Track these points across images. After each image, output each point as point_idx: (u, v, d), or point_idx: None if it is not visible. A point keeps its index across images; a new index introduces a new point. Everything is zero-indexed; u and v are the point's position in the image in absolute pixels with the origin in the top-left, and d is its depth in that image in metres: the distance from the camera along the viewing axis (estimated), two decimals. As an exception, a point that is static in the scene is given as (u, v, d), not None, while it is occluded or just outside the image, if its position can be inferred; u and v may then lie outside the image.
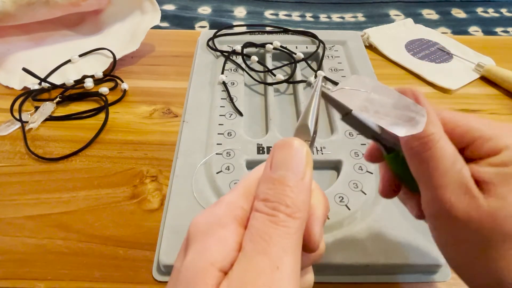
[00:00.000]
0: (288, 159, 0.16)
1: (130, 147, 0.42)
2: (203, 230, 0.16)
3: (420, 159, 0.20)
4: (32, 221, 0.35)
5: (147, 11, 0.55)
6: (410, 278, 0.31)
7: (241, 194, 0.17)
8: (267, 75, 0.51)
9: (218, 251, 0.15)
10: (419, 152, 0.20)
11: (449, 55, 0.58)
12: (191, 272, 0.14)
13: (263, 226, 0.15)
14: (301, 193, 0.16)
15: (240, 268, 0.14)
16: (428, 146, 0.20)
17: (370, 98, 0.21)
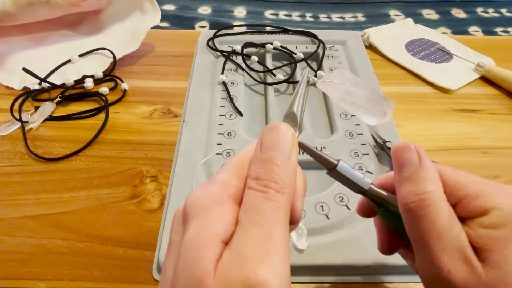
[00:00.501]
0: (276, 141, 0.18)
1: (130, 147, 0.42)
2: (203, 206, 0.17)
3: (415, 217, 0.19)
4: (32, 221, 0.35)
5: (147, 11, 0.55)
6: (410, 278, 0.31)
7: (234, 173, 0.18)
8: (267, 75, 0.51)
9: (220, 225, 0.16)
10: (414, 210, 0.19)
11: (449, 55, 0.58)
12: (196, 244, 0.16)
13: (256, 202, 0.17)
14: (288, 171, 0.18)
15: (238, 239, 0.16)
16: (425, 204, 0.19)
17: (349, 90, 0.23)
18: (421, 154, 0.21)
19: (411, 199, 0.20)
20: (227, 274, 0.15)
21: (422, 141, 0.43)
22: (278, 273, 0.15)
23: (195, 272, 0.15)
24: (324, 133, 0.43)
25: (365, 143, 0.40)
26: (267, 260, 0.15)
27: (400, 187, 0.21)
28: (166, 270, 0.17)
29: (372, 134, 0.40)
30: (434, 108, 0.48)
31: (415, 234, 0.20)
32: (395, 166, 0.21)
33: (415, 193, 0.20)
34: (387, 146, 0.38)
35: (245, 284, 0.15)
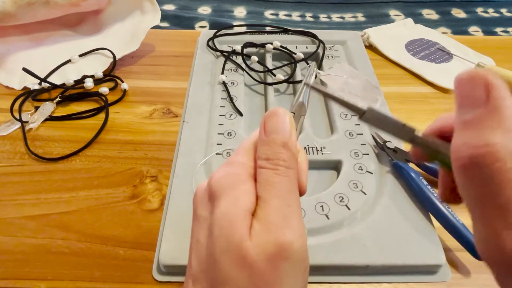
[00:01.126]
0: (277, 124, 0.21)
1: (130, 147, 0.42)
2: (229, 185, 0.19)
3: (470, 177, 0.15)
4: (32, 221, 0.35)
5: (147, 11, 0.55)
6: (410, 278, 0.31)
7: (247, 155, 0.21)
8: (267, 75, 0.51)
9: (247, 200, 0.19)
10: (467, 168, 0.15)
11: (449, 55, 0.58)
12: (229, 217, 0.18)
13: (271, 178, 0.19)
14: (291, 149, 0.20)
15: (262, 210, 0.19)
16: (489, 160, 0.14)
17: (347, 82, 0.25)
18: (493, 88, 0.15)
19: (466, 152, 0.15)
20: (260, 237, 0.18)
21: (422, 141, 0.43)
22: (298, 232, 0.18)
23: (234, 238, 0.18)
24: (324, 133, 0.43)
25: (365, 143, 0.40)
26: (289, 224, 0.18)
27: (456, 134, 0.16)
28: (199, 240, 0.20)
29: (372, 134, 0.40)
30: (434, 108, 0.48)
31: (470, 198, 0.16)
32: (456, 103, 0.17)
33: (472, 145, 0.15)
34: (387, 146, 0.38)
35: (276, 243, 0.18)
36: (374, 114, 0.20)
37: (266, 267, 0.17)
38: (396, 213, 0.33)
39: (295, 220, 0.19)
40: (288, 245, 0.18)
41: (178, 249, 0.31)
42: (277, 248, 0.18)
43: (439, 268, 0.31)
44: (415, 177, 0.35)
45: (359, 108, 0.21)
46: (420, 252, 0.31)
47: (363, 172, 0.37)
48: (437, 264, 0.31)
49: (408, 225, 0.33)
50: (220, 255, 0.18)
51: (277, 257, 0.18)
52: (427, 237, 0.32)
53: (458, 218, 0.32)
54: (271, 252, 0.17)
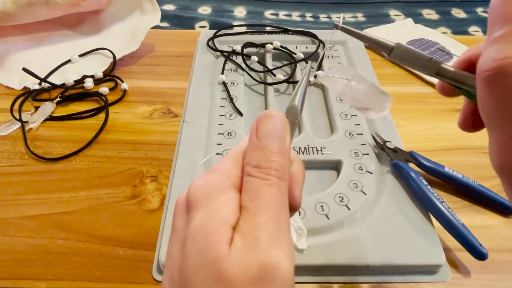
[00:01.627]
0: (271, 128, 0.19)
1: (130, 147, 0.42)
2: (207, 195, 0.18)
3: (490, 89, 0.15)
4: (32, 221, 0.35)
5: (147, 11, 0.55)
6: (410, 278, 0.31)
7: (233, 163, 0.19)
8: (267, 75, 0.51)
9: (227, 212, 0.17)
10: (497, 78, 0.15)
11: (449, 55, 0.58)
12: (206, 231, 0.16)
13: (260, 188, 0.17)
14: (284, 157, 0.18)
15: (247, 223, 0.17)
16: (506, 72, 0.15)
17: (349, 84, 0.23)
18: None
19: (490, 65, 0.15)
20: (242, 256, 0.16)
21: (422, 141, 0.43)
22: (287, 253, 0.16)
23: (209, 256, 0.16)
24: (324, 133, 0.43)
25: (365, 143, 0.40)
26: (278, 242, 0.16)
27: (484, 51, 0.16)
28: (173, 255, 0.18)
29: (372, 134, 0.40)
30: (434, 108, 0.48)
31: (487, 110, 0.16)
32: (488, 26, 0.17)
33: (495, 58, 0.15)
34: (387, 146, 0.38)
35: (260, 265, 0.15)
36: (402, 50, 0.20)
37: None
38: (396, 213, 0.33)
39: (284, 239, 0.17)
40: (274, 267, 0.15)
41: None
42: (261, 270, 0.15)
43: (439, 268, 0.31)
44: (415, 177, 0.35)
45: (388, 44, 0.21)
46: (420, 252, 0.31)
47: (363, 172, 0.37)
48: (437, 264, 0.31)
49: (408, 225, 0.33)
50: (193, 273, 0.16)
51: (259, 280, 0.15)
52: (427, 237, 0.32)
53: (458, 218, 0.32)
54: (253, 275, 0.15)
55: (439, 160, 0.38)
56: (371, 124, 0.42)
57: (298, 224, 0.31)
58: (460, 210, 0.37)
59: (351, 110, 0.44)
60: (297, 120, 0.21)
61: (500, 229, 0.35)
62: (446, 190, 0.38)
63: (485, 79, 0.16)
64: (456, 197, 0.38)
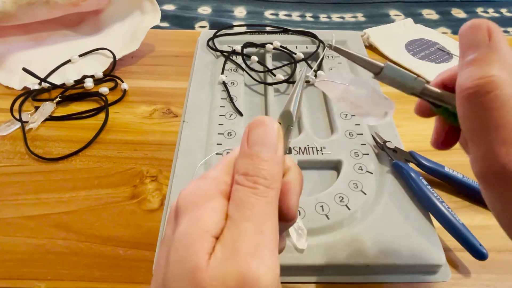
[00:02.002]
0: (262, 135, 0.18)
1: (130, 147, 0.42)
2: (193, 201, 0.17)
3: (471, 106, 0.17)
4: (32, 221, 0.35)
5: (147, 11, 0.55)
6: (410, 278, 0.31)
7: (223, 170, 0.19)
8: (267, 75, 0.51)
9: (210, 220, 0.17)
10: (471, 97, 0.17)
11: (449, 55, 0.58)
12: (187, 239, 0.16)
13: (246, 197, 0.17)
14: (275, 165, 0.18)
15: (230, 233, 0.16)
16: (485, 90, 0.17)
17: (348, 89, 0.23)
18: (493, 32, 0.18)
19: (469, 85, 0.17)
20: (220, 268, 0.15)
21: (422, 141, 0.43)
22: (269, 266, 0.16)
23: (188, 266, 0.15)
24: (324, 133, 0.43)
25: (365, 143, 0.40)
26: (258, 254, 0.16)
27: (460, 73, 0.18)
28: (159, 262, 0.17)
29: (372, 134, 0.40)
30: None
31: (469, 126, 0.18)
32: (460, 52, 0.19)
33: (475, 78, 0.17)
34: (387, 146, 0.38)
35: (238, 277, 0.15)
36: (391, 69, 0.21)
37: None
38: (396, 213, 0.33)
39: (267, 251, 0.16)
40: (253, 279, 0.15)
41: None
42: (238, 282, 0.15)
43: (439, 268, 0.31)
44: (415, 177, 0.35)
45: (377, 64, 0.21)
46: (420, 252, 0.31)
47: (363, 172, 0.37)
48: (437, 264, 0.31)
49: (408, 225, 0.33)
50: (172, 282, 0.16)
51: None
52: (427, 237, 0.32)
53: (458, 218, 0.32)
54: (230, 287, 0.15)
55: (439, 160, 0.38)
56: (371, 124, 0.42)
57: (298, 224, 0.31)
58: (460, 210, 0.37)
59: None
60: (291, 126, 0.20)
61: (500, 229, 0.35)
62: (446, 190, 0.38)
63: (466, 97, 0.17)
64: (456, 197, 0.38)
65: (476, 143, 0.18)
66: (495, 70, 0.17)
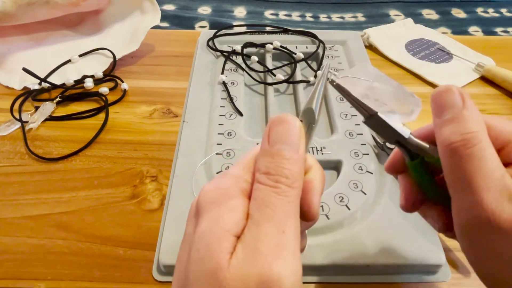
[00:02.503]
0: (284, 133, 0.18)
1: (130, 147, 0.42)
2: (214, 200, 0.17)
3: (458, 157, 0.19)
4: (32, 221, 0.35)
5: (147, 11, 0.55)
6: (410, 278, 0.31)
7: (244, 168, 0.19)
8: (267, 75, 0.51)
9: (231, 219, 0.16)
10: (458, 149, 0.19)
11: (449, 55, 0.58)
12: (208, 239, 0.16)
13: (268, 197, 0.17)
14: (297, 164, 0.18)
15: (251, 233, 0.16)
16: (471, 143, 0.18)
17: (372, 86, 0.22)
18: (465, 96, 0.20)
19: (455, 139, 0.19)
20: (241, 268, 0.15)
21: (422, 141, 0.43)
22: (291, 268, 0.15)
23: (209, 265, 0.15)
24: (324, 133, 0.43)
25: (365, 143, 0.40)
26: (280, 255, 0.15)
27: (441, 129, 0.20)
28: (181, 259, 0.18)
29: (372, 134, 0.40)
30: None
31: (456, 176, 0.19)
32: (434, 111, 0.21)
33: (460, 133, 0.19)
34: (387, 146, 0.38)
35: (259, 278, 0.15)
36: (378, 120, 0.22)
37: None
38: (396, 213, 0.33)
39: (289, 252, 0.16)
40: (274, 281, 0.15)
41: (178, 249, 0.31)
42: (260, 284, 0.15)
43: (439, 268, 0.31)
44: (415, 177, 0.35)
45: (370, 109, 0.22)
46: (420, 252, 0.31)
47: (363, 172, 0.37)
48: (437, 264, 0.31)
49: (408, 225, 0.33)
50: (194, 280, 0.16)
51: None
52: (427, 237, 0.32)
53: (458, 218, 0.32)
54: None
55: (439, 160, 0.38)
56: (371, 124, 0.42)
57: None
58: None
59: (351, 110, 0.44)
60: (313, 124, 0.20)
61: (500, 229, 0.35)
62: (446, 190, 0.38)
63: (453, 150, 0.19)
64: (456, 197, 0.38)
65: (462, 193, 0.19)
66: (475, 126, 0.19)
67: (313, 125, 0.20)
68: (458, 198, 0.19)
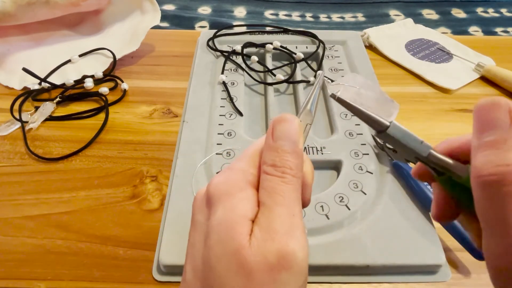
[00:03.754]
0: (286, 131, 0.20)
1: (130, 147, 0.42)
2: (226, 191, 0.19)
3: (492, 194, 0.16)
4: (32, 221, 0.35)
5: (147, 11, 0.55)
6: (410, 278, 0.31)
7: (249, 162, 0.20)
8: (267, 75, 0.51)
9: (246, 207, 0.18)
10: (492, 184, 0.16)
11: (449, 55, 0.58)
12: (227, 224, 0.18)
13: (277, 185, 0.19)
14: (298, 157, 0.20)
15: (265, 217, 0.18)
16: (509, 179, 0.15)
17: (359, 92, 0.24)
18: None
19: (490, 171, 0.16)
20: (262, 246, 0.17)
21: (422, 141, 0.43)
22: (302, 244, 0.18)
23: (231, 246, 0.17)
24: (324, 133, 0.43)
25: (365, 143, 0.40)
26: (293, 234, 0.18)
27: (478, 154, 0.17)
28: (196, 247, 0.19)
29: (372, 134, 0.40)
30: (434, 108, 0.48)
31: (488, 214, 0.16)
32: (475, 127, 0.18)
33: (496, 163, 0.16)
34: (387, 146, 0.38)
35: (278, 254, 0.17)
36: (397, 129, 0.21)
37: (265, 277, 0.17)
38: (396, 213, 0.33)
39: (299, 231, 0.18)
40: (291, 255, 0.17)
41: (178, 249, 0.31)
42: (279, 258, 0.17)
43: (439, 268, 0.31)
44: (415, 177, 0.35)
45: (382, 122, 0.21)
46: (420, 252, 0.31)
47: (363, 172, 0.37)
48: (437, 264, 0.31)
49: (408, 225, 0.33)
50: (216, 262, 0.18)
51: (277, 267, 0.17)
52: (427, 237, 0.32)
53: (458, 218, 0.32)
54: (272, 262, 0.17)
55: (439, 160, 0.38)
56: (371, 124, 0.42)
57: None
58: (460, 210, 0.36)
59: (351, 110, 0.44)
60: (310, 124, 0.23)
61: (500, 229, 0.35)
62: (446, 190, 0.38)
63: (485, 183, 0.16)
64: (456, 197, 0.38)
65: (493, 235, 0.17)
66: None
67: (309, 125, 0.23)
68: (489, 239, 0.17)
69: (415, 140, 0.20)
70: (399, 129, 0.21)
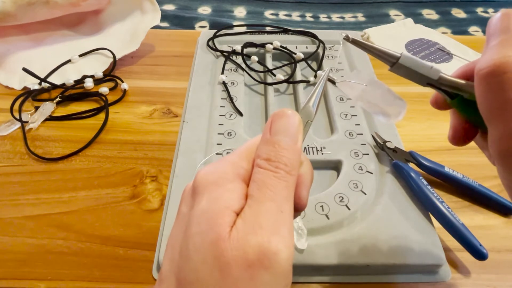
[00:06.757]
0: (285, 126, 0.19)
1: (130, 147, 0.42)
2: (214, 182, 0.18)
3: (490, 84, 0.18)
4: (32, 221, 0.35)
5: (147, 11, 0.55)
6: (410, 278, 0.31)
7: (241, 156, 0.20)
8: (267, 75, 0.51)
9: (231, 198, 0.18)
10: (492, 75, 0.17)
11: (449, 55, 0.58)
12: (209, 214, 0.17)
13: (268, 179, 0.18)
14: (294, 154, 0.19)
15: (251, 210, 0.17)
16: (505, 68, 0.17)
17: (366, 90, 0.24)
18: None
19: (489, 63, 0.18)
20: (242, 239, 0.16)
21: (422, 141, 0.43)
22: (287, 243, 0.17)
23: (210, 237, 0.16)
24: (324, 133, 0.43)
25: (365, 143, 0.40)
26: (279, 231, 0.17)
27: (482, 57, 0.19)
28: (176, 237, 0.18)
29: (372, 134, 0.40)
30: (434, 108, 0.48)
31: (488, 104, 0.18)
32: (486, 39, 0.19)
33: (491, 58, 0.18)
34: (387, 146, 0.38)
35: (259, 250, 0.16)
36: (408, 58, 0.22)
37: (241, 274, 0.16)
38: (396, 213, 0.33)
39: (286, 229, 0.17)
40: (272, 253, 0.16)
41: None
42: (259, 255, 0.16)
43: (439, 268, 0.31)
44: (415, 177, 0.35)
45: (393, 54, 0.22)
46: (420, 252, 0.31)
47: (363, 172, 0.37)
48: (437, 264, 0.31)
49: (408, 225, 0.33)
50: (193, 253, 0.16)
51: (257, 265, 0.16)
52: (427, 237, 0.32)
53: (458, 218, 0.32)
54: (251, 259, 0.16)
55: (439, 160, 0.38)
56: (371, 124, 0.42)
57: (298, 224, 0.31)
58: (460, 210, 0.37)
59: (351, 110, 0.44)
60: (311, 121, 0.22)
61: (500, 229, 0.35)
62: (446, 190, 0.38)
63: (483, 76, 0.18)
64: (456, 197, 0.38)
65: (493, 123, 0.18)
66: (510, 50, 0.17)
67: (310, 121, 0.22)
68: (493, 128, 0.19)
69: (426, 66, 0.21)
70: (409, 58, 0.22)
